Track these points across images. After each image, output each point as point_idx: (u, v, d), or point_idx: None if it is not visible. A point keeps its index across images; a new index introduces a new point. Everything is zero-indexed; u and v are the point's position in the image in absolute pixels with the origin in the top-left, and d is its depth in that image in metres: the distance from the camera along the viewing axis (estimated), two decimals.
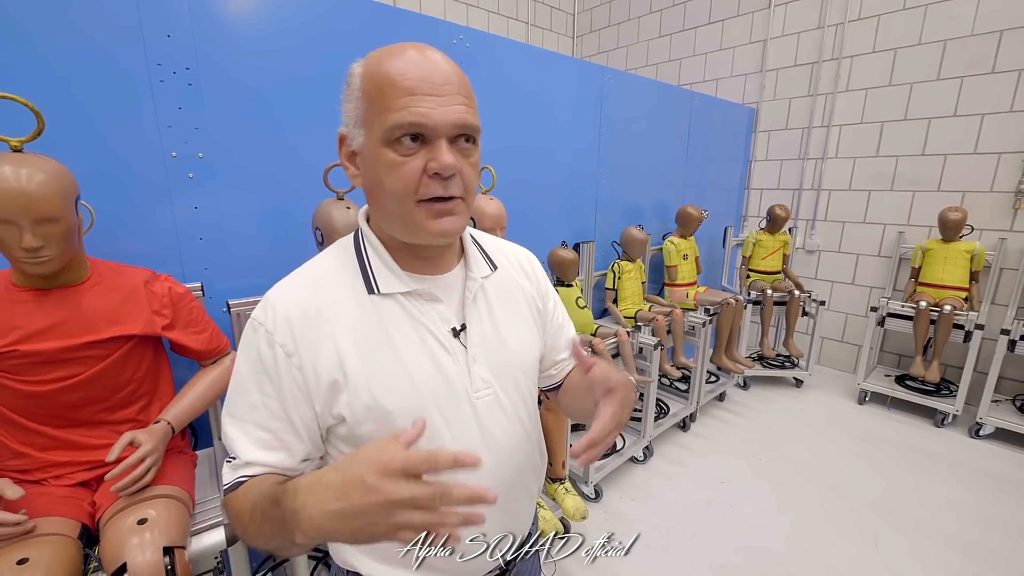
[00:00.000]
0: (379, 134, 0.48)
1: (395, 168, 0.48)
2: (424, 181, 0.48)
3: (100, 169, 1.16)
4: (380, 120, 0.47)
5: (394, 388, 0.52)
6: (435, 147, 0.48)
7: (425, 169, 0.48)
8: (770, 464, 2.25)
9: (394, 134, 0.47)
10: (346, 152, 0.53)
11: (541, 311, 0.69)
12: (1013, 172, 2.52)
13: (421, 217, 0.50)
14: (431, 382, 0.54)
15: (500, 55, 1.94)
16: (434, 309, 0.56)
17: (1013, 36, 2.45)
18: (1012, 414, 2.42)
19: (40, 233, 0.84)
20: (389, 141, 0.47)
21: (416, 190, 0.48)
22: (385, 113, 0.47)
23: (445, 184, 0.49)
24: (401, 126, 0.46)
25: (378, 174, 0.49)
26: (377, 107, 0.47)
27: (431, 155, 0.48)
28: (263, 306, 0.53)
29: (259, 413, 0.52)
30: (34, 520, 0.84)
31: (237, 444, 0.52)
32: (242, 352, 0.53)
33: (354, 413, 0.52)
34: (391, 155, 0.48)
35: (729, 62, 3.56)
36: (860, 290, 3.15)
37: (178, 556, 0.86)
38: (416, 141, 0.47)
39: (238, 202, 1.38)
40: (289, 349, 0.51)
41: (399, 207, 0.50)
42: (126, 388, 1.02)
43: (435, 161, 0.47)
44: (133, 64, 1.17)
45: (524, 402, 0.63)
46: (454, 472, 0.53)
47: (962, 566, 1.65)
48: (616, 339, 2.05)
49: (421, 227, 0.50)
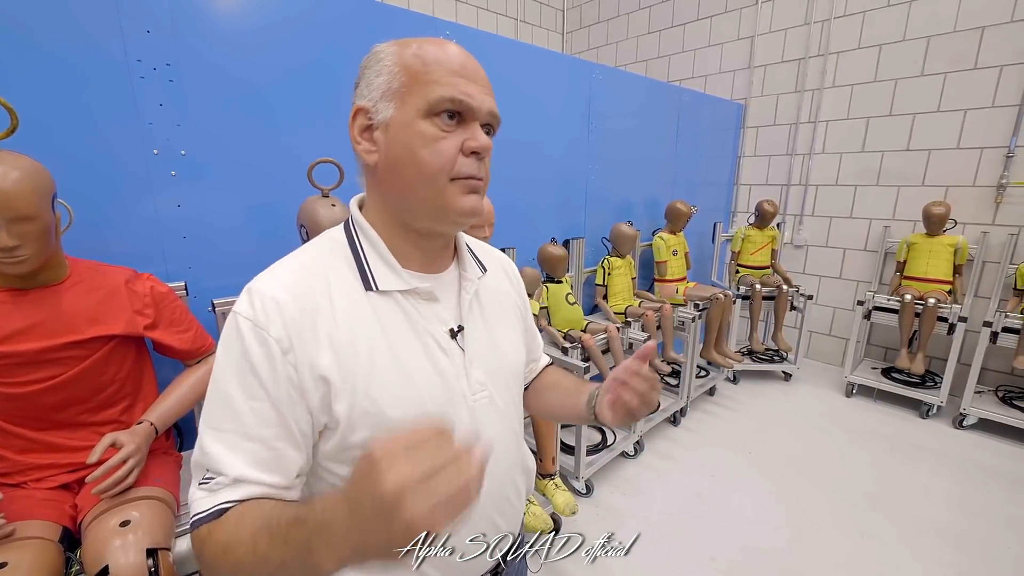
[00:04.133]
0: (420, 105, 0.48)
1: (434, 142, 0.48)
2: (460, 159, 0.49)
3: (79, 167, 1.14)
4: (424, 92, 0.48)
5: (396, 393, 0.50)
6: (472, 128, 0.49)
7: (462, 148, 0.49)
8: (760, 457, 2.28)
9: (440, 107, 0.47)
10: (360, 126, 0.51)
11: (523, 316, 0.70)
12: (995, 167, 2.56)
13: (453, 193, 0.50)
14: (431, 385, 0.52)
15: (488, 52, 1.93)
16: (431, 309, 0.54)
17: (995, 32, 2.49)
18: (995, 405, 2.47)
19: (15, 232, 0.82)
20: (430, 114, 0.48)
21: (452, 167, 0.49)
22: (431, 85, 0.47)
23: (479, 165, 0.50)
24: (451, 99, 0.47)
25: (413, 146, 0.48)
26: (421, 80, 0.48)
27: (468, 135, 0.49)
28: (247, 299, 0.48)
29: (246, 421, 0.46)
30: (13, 524, 0.83)
31: (222, 460, 0.45)
32: (223, 352, 0.47)
33: (350, 419, 0.48)
34: (431, 128, 0.48)
35: (717, 58, 3.57)
36: (847, 284, 3.19)
37: (162, 558, 0.85)
38: (453, 120, 0.49)
39: (222, 199, 1.36)
40: (284, 345, 0.46)
41: (431, 182, 0.49)
42: (108, 389, 1.01)
43: (474, 140, 0.49)
44: (112, 60, 1.16)
45: (514, 404, 0.63)
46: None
47: (955, 557, 1.67)
48: (606, 335, 2.05)
49: (452, 204, 0.50)
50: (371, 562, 0.36)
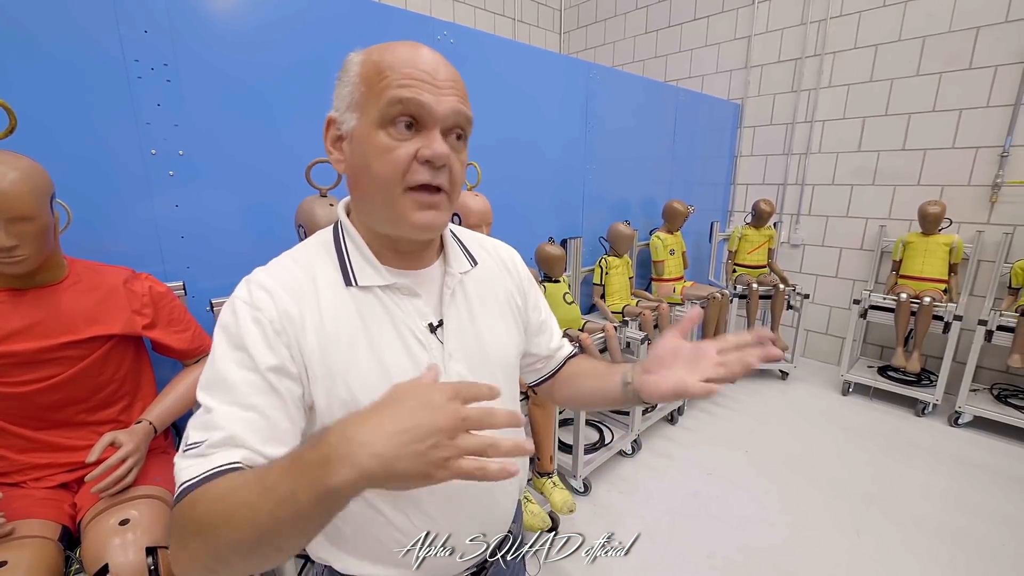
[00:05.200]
0: (374, 114, 0.47)
1: (386, 152, 0.47)
2: (414, 167, 0.48)
3: (77, 167, 1.14)
4: (377, 99, 0.47)
5: (370, 383, 0.52)
6: (429, 135, 0.48)
7: (416, 155, 0.48)
8: (756, 455, 2.29)
9: (391, 112, 0.47)
10: (332, 136, 0.52)
11: (521, 307, 0.69)
12: (990, 166, 2.58)
13: (406, 206, 0.49)
14: (407, 378, 0.52)
15: (486, 51, 1.94)
16: (411, 304, 0.56)
17: (989, 32, 2.50)
18: (990, 403, 2.48)
19: (14, 232, 0.82)
20: (384, 122, 0.47)
21: (404, 176, 0.48)
22: (384, 91, 0.47)
23: (434, 172, 0.48)
24: (400, 100, 0.46)
25: (367, 157, 0.48)
26: (375, 88, 0.47)
27: (424, 142, 0.48)
28: (245, 286, 0.51)
29: (241, 391, 0.46)
30: (13, 523, 0.83)
31: (216, 415, 0.45)
32: (220, 332, 0.49)
33: (329, 406, 0.51)
34: (384, 138, 0.47)
35: (714, 58, 3.58)
36: (843, 283, 3.20)
37: (162, 556, 0.85)
38: (410, 129, 0.48)
39: (221, 199, 1.36)
40: (277, 327, 0.49)
41: (385, 194, 0.49)
42: (106, 388, 1.01)
43: (428, 148, 0.47)
44: (109, 60, 1.16)
45: (502, 399, 0.61)
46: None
47: (951, 554, 1.68)
48: (603, 334, 2.06)
49: (404, 217, 0.50)
50: (393, 477, 0.35)
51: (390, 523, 0.55)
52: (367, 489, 0.36)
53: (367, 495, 0.54)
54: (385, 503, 0.55)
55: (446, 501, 0.56)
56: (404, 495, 0.54)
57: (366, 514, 0.55)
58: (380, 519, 0.55)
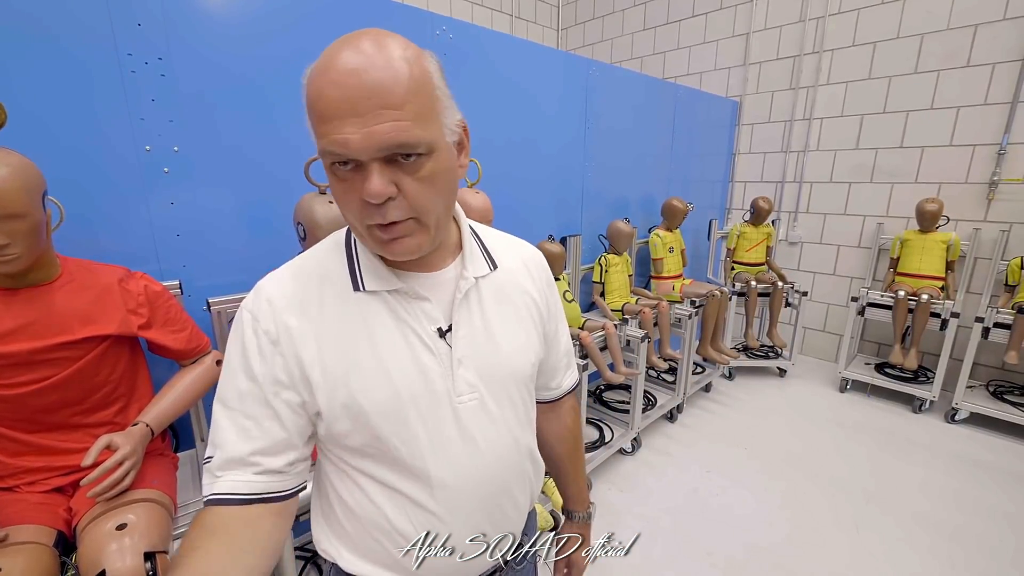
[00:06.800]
0: (321, 158, 0.45)
1: (341, 195, 0.46)
2: (365, 207, 0.45)
3: (69, 164, 1.12)
4: (318, 142, 0.44)
5: (371, 386, 0.51)
6: (366, 172, 0.43)
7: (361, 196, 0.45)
8: (755, 452, 2.29)
9: (327, 160, 0.44)
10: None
11: (544, 316, 0.65)
12: (987, 164, 2.59)
13: (376, 241, 0.48)
14: (410, 382, 0.52)
15: (485, 47, 1.92)
16: (420, 308, 0.54)
17: (987, 30, 2.51)
18: (986, 399, 2.50)
19: (5, 230, 0.80)
20: (328, 167, 0.45)
21: (360, 216, 0.46)
22: (317, 137, 0.44)
23: (383, 211, 0.45)
24: (325, 154, 0.43)
25: (334, 193, 0.48)
26: (313, 130, 0.44)
27: (362, 181, 0.44)
28: (253, 295, 0.53)
29: (245, 400, 0.51)
30: (6, 528, 0.81)
31: (224, 434, 0.51)
32: (232, 338, 0.53)
33: (331, 410, 0.51)
34: (333, 180, 0.46)
35: (713, 55, 3.57)
36: (841, 281, 3.21)
37: (160, 562, 0.84)
38: (347, 165, 0.44)
39: (217, 196, 1.34)
40: (273, 336, 0.50)
41: (357, 228, 0.49)
42: (102, 390, 0.99)
43: (363, 190, 0.43)
44: (101, 55, 1.13)
45: (514, 409, 0.60)
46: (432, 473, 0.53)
47: (950, 550, 1.69)
48: (604, 332, 2.05)
49: (380, 249, 0.50)
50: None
51: (391, 525, 0.54)
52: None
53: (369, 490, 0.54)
54: (388, 503, 0.54)
55: (450, 509, 0.55)
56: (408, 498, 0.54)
57: (368, 512, 0.55)
58: (381, 519, 0.55)
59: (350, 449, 0.54)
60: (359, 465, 0.54)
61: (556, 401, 0.75)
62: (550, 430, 0.76)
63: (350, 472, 0.55)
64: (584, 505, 0.80)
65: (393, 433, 0.52)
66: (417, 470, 0.53)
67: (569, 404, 0.77)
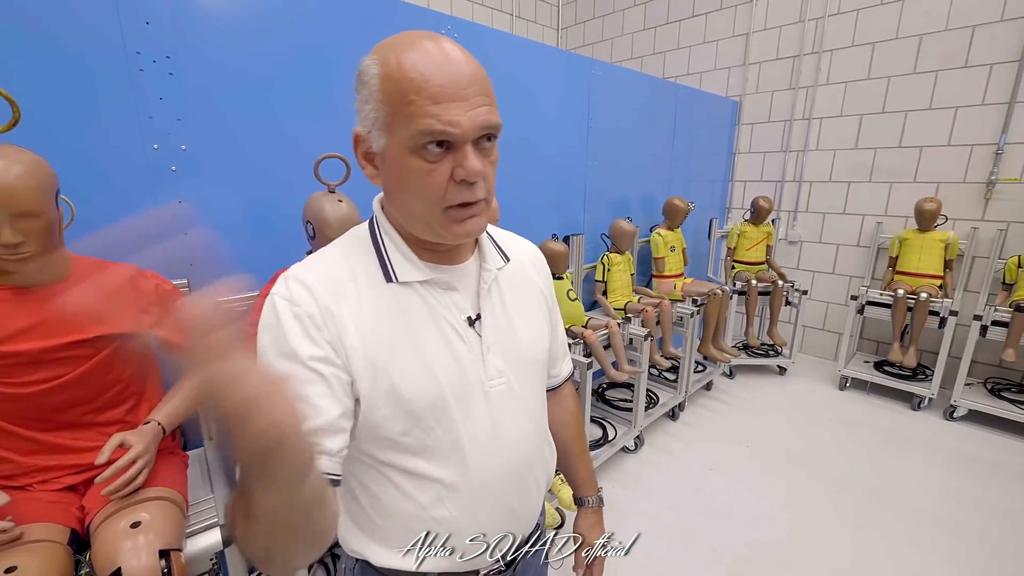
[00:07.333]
0: (405, 140, 0.46)
1: (423, 176, 0.47)
2: (451, 188, 0.48)
3: (77, 162, 1.11)
4: (407, 126, 0.46)
5: (413, 375, 0.53)
6: (461, 153, 0.47)
7: (452, 175, 0.47)
8: (756, 450, 2.31)
9: (422, 141, 0.46)
10: (363, 151, 0.52)
11: (550, 306, 0.71)
12: (985, 163, 2.62)
13: (447, 222, 0.50)
14: (448, 370, 0.55)
15: (490, 47, 1.92)
16: (450, 298, 0.57)
17: (985, 31, 2.53)
18: (984, 396, 2.53)
19: (19, 228, 0.80)
20: (416, 148, 0.46)
21: (443, 197, 0.48)
22: (412, 119, 0.45)
23: (472, 190, 0.49)
24: (431, 133, 0.45)
25: (403, 180, 0.49)
26: (402, 113, 0.46)
27: (457, 161, 0.47)
28: (283, 283, 0.52)
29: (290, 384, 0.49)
30: (21, 527, 0.81)
31: None
32: (263, 330, 0.51)
33: (372, 398, 0.52)
34: (418, 162, 0.47)
35: (712, 55, 3.59)
36: (840, 279, 3.23)
37: (174, 559, 0.84)
38: (442, 147, 0.47)
39: (224, 195, 1.34)
40: (317, 322, 0.50)
41: (426, 212, 0.50)
42: (113, 389, 0.99)
43: (462, 168, 0.47)
44: (110, 53, 1.13)
45: (534, 393, 0.64)
46: (468, 455, 0.55)
47: (951, 546, 1.71)
48: (607, 330, 2.06)
49: (446, 231, 0.51)
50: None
51: (427, 513, 0.56)
52: None
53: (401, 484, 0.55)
54: (422, 493, 0.55)
55: (482, 489, 0.57)
56: (444, 484, 0.55)
57: (400, 505, 0.56)
58: (417, 510, 0.56)
59: (384, 440, 0.54)
60: (390, 459, 0.55)
61: (557, 388, 0.79)
62: (554, 416, 0.78)
63: (380, 468, 0.56)
64: (594, 489, 0.82)
65: (433, 419, 0.54)
66: (454, 454, 0.55)
67: (568, 389, 0.82)
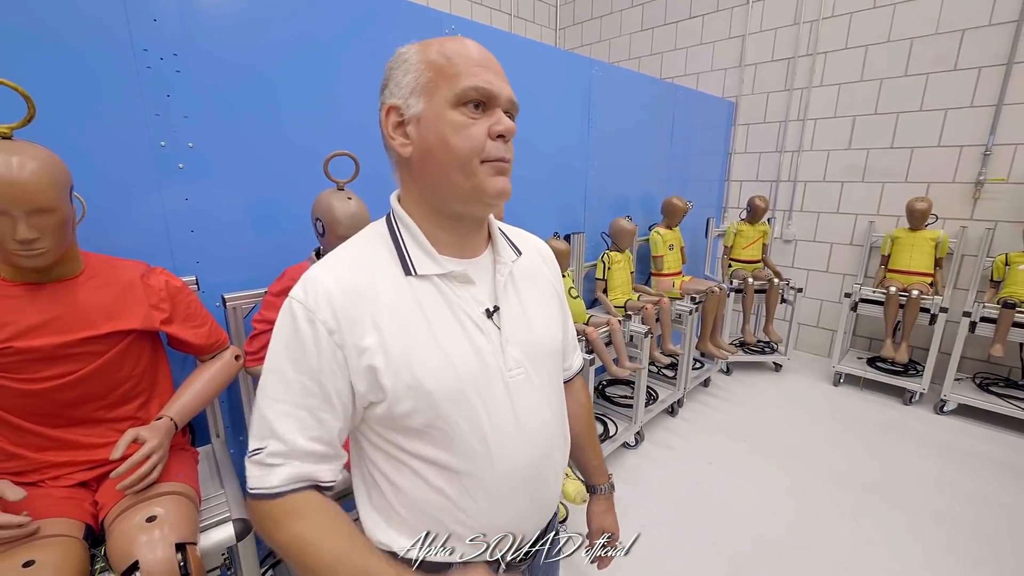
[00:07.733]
0: (448, 97, 0.52)
1: (463, 127, 0.52)
2: (488, 143, 0.53)
3: (85, 159, 1.11)
4: (451, 84, 0.52)
5: (434, 368, 0.54)
6: (496, 114, 0.54)
7: (489, 132, 0.53)
8: (753, 444, 2.34)
9: (466, 96, 0.52)
10: (394, 122, 0.55)
11: (561, 299, 0.72)
12: (973, 164, 2.68)
13: (484, 175, 0.53)
14: (468, 362, 0.56)
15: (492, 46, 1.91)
16: (468, 291, 0.58)
17: (974, 35, 2.59)
18: (973, 391, 2.59)
19: (35, 224, 0.80)
20: (458, 104, 0.52)
21: (483, 149, 0.53)
22: (457, 78, 0.52)
23: (505, 147, 0.54)
24: (475, 88, 0.52)
25: (444, 133, 0.52)
26: (447, 74, 0.52)
27: (493, 120, 0.53)
28: (303, 286, 0.54)
29: (294, 391, 0.52)
30: (37, 522, 0.81)
31: (278, 424, 0.52)
32: (278, 332, 0.54)
33: (395, 391, 0.53)
34: (460, 117, 0.52)
35: (709, 56, 3.63)
36: (834, 277, 3.29)
37: (190, 552, 0.84)
38: (478, 109, 0.53)
39: (231, 192, 1.34)
40: (331, 327, 0.52)
41: (464, 166, 0.53)
42: (124, 385, 0.99)
43: (500, 124, 0.53)
44: (118, 50, 1.12)
45: (551, 382, 0.66)
46: (491, 445, 0.56)
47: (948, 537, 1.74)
48: (608, 328, 2.09)
49: (483, 186, 0.54)
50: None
51: (453, 503, 0.57)
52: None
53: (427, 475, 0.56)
54: (448, 484, 0.56)
55: (506, 478, 0.58)
56: (470, 475, 0.57)
57: (427, 496, 0.57)
58: (442, 500, 0.57)
59: (409, 432, 0.55)
60: (415, 450, 0.56)
61: (570, 381, 0.81)
62: (567, 409, 0.79)
63: (405, 459, 0.56)
64: (605, 476, 0.85)
65: (456, 411, 0.55)
66: (478, 445, 0.56)
67: (580, 382, 0.84)
